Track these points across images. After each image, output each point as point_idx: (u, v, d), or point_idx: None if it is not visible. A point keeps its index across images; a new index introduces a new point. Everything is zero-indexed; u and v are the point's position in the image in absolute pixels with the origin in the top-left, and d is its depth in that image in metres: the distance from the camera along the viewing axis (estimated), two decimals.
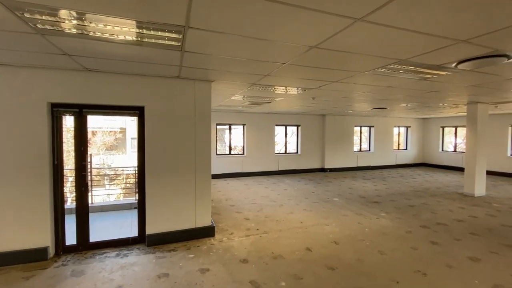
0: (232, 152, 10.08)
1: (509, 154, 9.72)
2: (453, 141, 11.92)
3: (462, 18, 1.91)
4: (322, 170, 11.05)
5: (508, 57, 2.84)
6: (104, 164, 17.44)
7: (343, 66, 3.22)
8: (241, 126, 9.83)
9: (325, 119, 10.91)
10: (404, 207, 5.72)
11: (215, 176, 9.16)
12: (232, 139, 9.97)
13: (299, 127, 10.74)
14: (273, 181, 8.80)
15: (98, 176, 10.00)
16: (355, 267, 3.13)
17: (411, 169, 12.02)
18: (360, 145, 12.23)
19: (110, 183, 13.72)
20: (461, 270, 3.06)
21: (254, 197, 6.49)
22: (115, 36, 2.24)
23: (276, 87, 4.55)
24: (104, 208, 5.41)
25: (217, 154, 9.40)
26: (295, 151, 10.97)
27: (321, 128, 11.06)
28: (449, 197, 6.62)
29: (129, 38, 2.29)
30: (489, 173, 9.93)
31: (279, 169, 10.31)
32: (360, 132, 12.11)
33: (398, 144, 12.85)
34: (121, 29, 2.10)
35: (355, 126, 11.58)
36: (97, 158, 17.10)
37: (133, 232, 3.90)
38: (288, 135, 10.95)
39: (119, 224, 4.62)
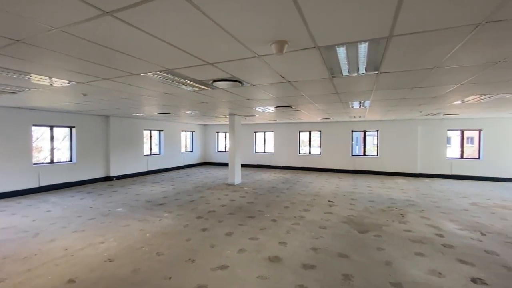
0: None
1: (254, 152, 14.02)
2: (224, 143, 15.22)
3: (202, 45, 2.34)
4: (108, 178, 9.72)
5: (241, 83, 3.96)
6: None
7: (108, 62, 2.91)
8: None
9: (109, 121, 9.68)
10: (185, 203, 6.35)
11: None
12: None
13: (74, 129, 8.70)
14: (29, 203, 6.40)
15: None
16: (129, 279, 2.94)
17: (196, 168, 13.83)
18: (151, 148, 12.18)
19: None
20: (220, 246, 3.84)
21: None
22: None
23: (20, 72, 3.27)
24: None
25: None
26: (69, 159, 8.76)
27: (105, 130, 9.70)
28: (219, 188, 8.28)
29: None
30: (243, 165, 13.75)
31: (41, 185, 7.71)
32: (150, 136, 12.05)
33: (186, 147, 14.29)
34: None
35: (145, 129, 11.36)
36: None
37: None
38: (57, 139, 8.48)
39: None
